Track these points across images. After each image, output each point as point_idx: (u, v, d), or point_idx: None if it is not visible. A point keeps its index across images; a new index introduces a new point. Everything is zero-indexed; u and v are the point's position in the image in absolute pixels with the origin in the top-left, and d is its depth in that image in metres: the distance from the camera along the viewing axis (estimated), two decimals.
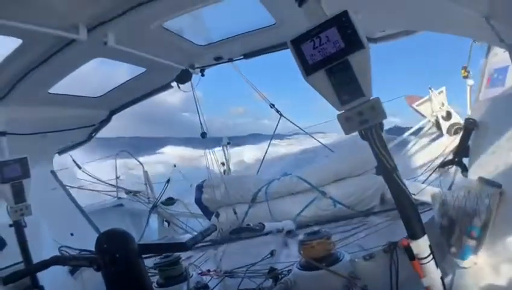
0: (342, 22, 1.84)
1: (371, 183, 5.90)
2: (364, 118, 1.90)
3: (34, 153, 3.80)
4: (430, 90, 11.07)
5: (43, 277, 3.43)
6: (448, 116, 10.23)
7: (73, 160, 7.96)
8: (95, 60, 3.51)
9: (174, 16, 3.20)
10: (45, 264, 2.78)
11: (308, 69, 1.92)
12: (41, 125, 4.14)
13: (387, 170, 1.98)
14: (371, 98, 1.90)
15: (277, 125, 8.64)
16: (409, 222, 2.06)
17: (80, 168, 8.35)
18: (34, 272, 3.20)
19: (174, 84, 4.61)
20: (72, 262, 2.96)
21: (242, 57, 4.30)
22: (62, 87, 3.80)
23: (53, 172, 5.37)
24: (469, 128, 2.79)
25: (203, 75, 4.53)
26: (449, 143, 8.13)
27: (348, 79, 1.87)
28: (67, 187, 5.65)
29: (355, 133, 2.00)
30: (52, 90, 3.76)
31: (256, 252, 4.59)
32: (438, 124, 10.92)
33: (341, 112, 1.96)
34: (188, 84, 4.63)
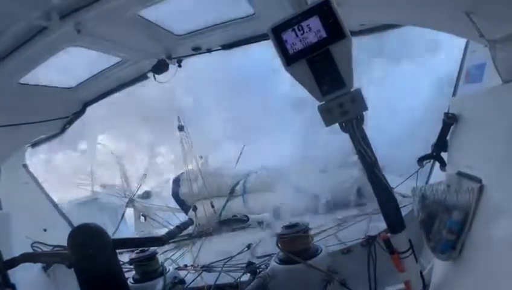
0: (324, 10, 1.80)
1: (348, 177, 5.93)
2: (344, 110, 1.87)
3: (5, 146, 3.67)
4: None
5: (14, 274, 3.32)
6: None
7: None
8: (68, 49, 3.39)
9: (151, 3, 3.11)
10: (14, 262, 2.69)
11: (288, 58, 1.88)
12: (12, 117, 3.99)
13: (367, 162, 1.96)
14: (352, 89, 1.87)
15: None
16: (389, 216, 2.06)
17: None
18: (3, 270, 3.09)
19: (150, 74, 4.50)
20: (43, 259, 2.88)
21: (220, 47, 4.23)
22: (34, 77, 3.67)
23: (25, 166, 5.22)
24: (448, 122, 2.80)
25: (180, 66, 4.42)
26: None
27: (329, 69, 1.84)
28: (40, 181, 5.52)
29: None
30: (23, 81, 3.62)
31: (233, 246, 4.57)
32: None
33: (321, 103, 1.93)
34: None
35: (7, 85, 3.51)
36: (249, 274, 3.75)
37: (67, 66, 3.78)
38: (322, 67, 1.84)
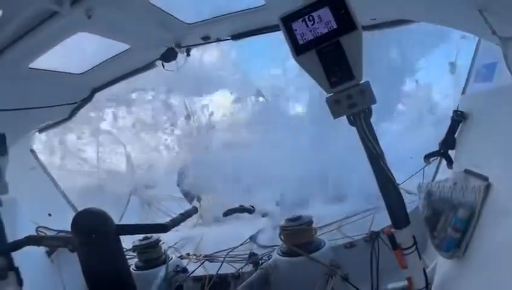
0: (335, 1, 1.79)
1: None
2: (353, 102, 1.86)
3: (12, 130, 3.68)
4: (416, 83, 11.14)
5: (19, 258, 3.35)
6: (432, 110, 10.32)
7: None
8: (78, 34, 3.39)
9: None
10: (18, 245, 2.70)
11: (298, 48, 1.87)
12: (20, 101, 4.01)
13: (374, 157, 1.95)
14: (361, 82, 1.86)
15: None
16: (394, 211, 2.04)
17: None
18: (7, 252, 3.11)
19: (158, 63, 4.50)
20: (46, 242, 2.90)
21: (230, 38, 4.22)
22: (43, 62, 3.68)
23: (32, 151, 5.25)
24: (457, 120, 2.78)
25: (188, 54, 4.41)
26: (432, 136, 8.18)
27: (338, 61, 1.83)
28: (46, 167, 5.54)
29: None
30: (32, 65, 3.63)
31: (236, 236, 4.59)
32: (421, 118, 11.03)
33: (330, 94, 1.91)
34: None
35: (17, 69, 3.52)
36: (251, 265, 3.77)
37: (76, 52, 3.78)
38: (332, 59, 1.83)
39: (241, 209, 5.65)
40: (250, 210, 5.57)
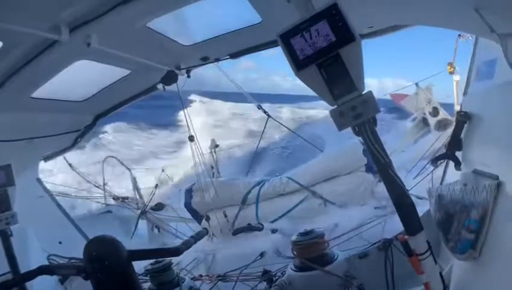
0: (332, 14, 1.79)
1: (360, 181, 5.90)
2: (357, 113, 1.85)
3: (18, 160, 3.70)
4: (416, 87, 11.19)
5: (32, 287, 3.33)
6: (435, 112, 10.35)
7: (67, 161, 7.96)
8: (78, 62, 3.42)
9: (159, 15, 3.12)
10: (31, 275, 2.69)
11: (298, 64, 1.87)
12: (24, 131, 4.04)
13: (382, 165, 1.93)
14: (364, 92, 1.86)
15: (265, 126, 8.76)
16: (406, 218, 2.02)
17: (70, 166, 8.38)
18: (20, 282, 3.10)
19: (160, 86, 4.53)
20: (59, 271, 2.88)
21: (228, 56, 4.24)
22: (45, 91, 3.70)
23: (39, 180, 5.26)
24: (461, 121, 2.76)
25: (188, 76, 4.44)
26: (437, 139, 8.22)
27: (339, 73, 1.83)
28: (53, 195, 5.55)
29: None
30: (34, 95, 3.66)
31: (247, 255, 4.57)
32: (425, 121, 11.06)
33: (334, 107, 1.91)
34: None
35: (20, 100, 3.55)
36: (265, 283, 3.73)
37: (78, 79, 3.81)
38: (333, 71, 1.82)
39: (250, 228, 5.64)
40: (259, 228, 5.55)
